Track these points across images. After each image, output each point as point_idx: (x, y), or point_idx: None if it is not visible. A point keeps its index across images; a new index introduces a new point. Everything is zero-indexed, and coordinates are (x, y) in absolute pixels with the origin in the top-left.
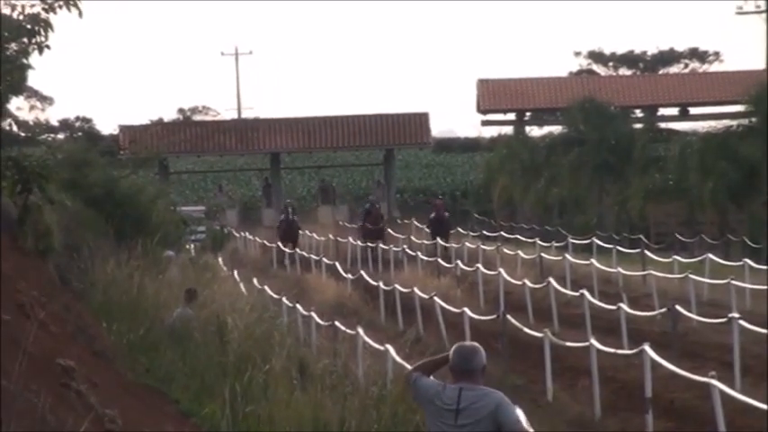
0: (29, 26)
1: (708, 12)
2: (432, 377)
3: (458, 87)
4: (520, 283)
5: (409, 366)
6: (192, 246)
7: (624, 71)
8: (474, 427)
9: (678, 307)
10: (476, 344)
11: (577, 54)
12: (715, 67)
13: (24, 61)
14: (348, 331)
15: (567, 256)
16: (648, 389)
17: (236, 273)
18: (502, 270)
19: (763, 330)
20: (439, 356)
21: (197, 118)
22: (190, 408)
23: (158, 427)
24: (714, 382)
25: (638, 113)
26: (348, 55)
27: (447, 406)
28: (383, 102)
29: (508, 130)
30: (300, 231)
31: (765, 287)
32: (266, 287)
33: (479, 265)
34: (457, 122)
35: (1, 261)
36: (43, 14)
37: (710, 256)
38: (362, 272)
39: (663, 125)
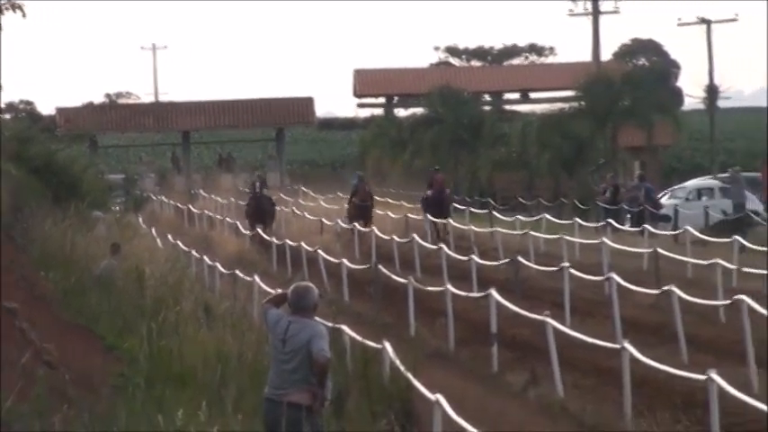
0: None
1: (544, 13)
2: (278, 309)
3: (337, 75)
4: (389, 238)
5: None
6: (117, 207)
7: (475, 63)
8: (295, 354)
9: (519, 258)
10: (310, 284)
11: (437, 48)
12: (551, 60)
13: None
14: (246, 279)
15: (428, 215)
16: (494, 326)
17: (153, 230)
18: (374, 227)
19: (589, 277)
20: (283, 292)
21: (121, 101)
22: (113, 342)
23: (88, 358)
24: (548, 320)
25: (487, 98)
26: (247, 48)
27: (278, 335)
28: (276, 87)
29: (379, 111)
30: (276, 208)
31: (592, 241)
32: (179, 242)
33: (356, 224)
34: (337, 105)
35: None
36: None
37: (546, 216)
38: (258, 229)
39: (507, 108)
